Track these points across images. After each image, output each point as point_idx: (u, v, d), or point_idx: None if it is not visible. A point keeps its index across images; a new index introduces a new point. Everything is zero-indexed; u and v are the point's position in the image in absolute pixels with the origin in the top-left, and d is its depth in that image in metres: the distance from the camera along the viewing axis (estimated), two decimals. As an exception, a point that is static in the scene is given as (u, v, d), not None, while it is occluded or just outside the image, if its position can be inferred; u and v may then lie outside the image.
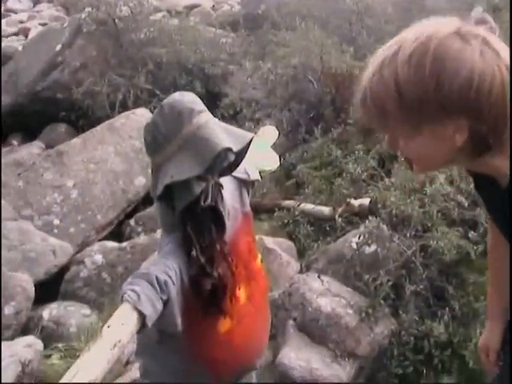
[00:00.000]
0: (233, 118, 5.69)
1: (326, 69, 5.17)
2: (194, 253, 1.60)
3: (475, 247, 3.07)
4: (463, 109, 1.15)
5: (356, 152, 4.13)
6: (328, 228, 3.83)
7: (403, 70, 1.17)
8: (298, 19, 6.19)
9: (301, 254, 3.87)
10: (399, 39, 1.20)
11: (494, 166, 1.27)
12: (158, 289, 1.52)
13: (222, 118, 5.63)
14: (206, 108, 1.58)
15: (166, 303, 1.54)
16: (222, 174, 1.67)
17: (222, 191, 1.68)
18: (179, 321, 1.61)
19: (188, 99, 1.57)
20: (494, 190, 1.35)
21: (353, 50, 5.44)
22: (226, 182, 1.76)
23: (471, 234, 3.28)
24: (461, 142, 1.19)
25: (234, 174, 1.77)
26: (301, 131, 4.97)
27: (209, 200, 1.60)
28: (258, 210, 4.18)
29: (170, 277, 1.55)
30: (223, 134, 1.53)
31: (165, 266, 1.57)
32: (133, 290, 1.47)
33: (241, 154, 1.63)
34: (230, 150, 1.51)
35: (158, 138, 1.56)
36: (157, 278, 1.52)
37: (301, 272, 3.57)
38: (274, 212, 4.30)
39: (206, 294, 1.65)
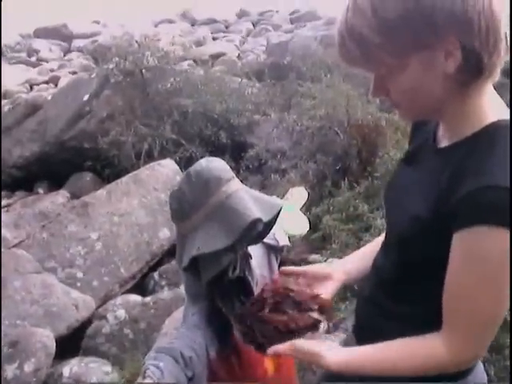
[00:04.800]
0: (258, 169, 5.66)
1: (352, 120, 5.14)
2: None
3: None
4: (451, 23, 1.06)
5: (384, 206, 4.05)
6: (356, 286, 3.72)
7: None
8: (323, 70, 6.21)
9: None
10: None
11: (470, 108, 1.19)
12: (183, 365, 1.44)
13: (247, 170, 5.61)
14: (234, 175, 1.53)
15: (190, 379, 1.46)
16: (250, 243, 1.61)
17: (251, 261, 1.62)
18: (204, 397, 1.53)
19: (215, 166, 1.51)
20: (432, 155, 1.29)
21: (378, 101, 5.41)
22: (254, 248, 1.70)
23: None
24: (454, 67, 1.10)
25: (262, 240, 1.71)
26: (327, 184, 4.91)
27: (237, 271, 1.53)
28: (284, 265, 4.09)
29: (195, 351, 1.49)
30: (252, 204, 1.47)
31: (190, 340, 1.51)
32: (156, 366, 1.40)
33: (270, 223, 1.57)
34: (259, 220, 1.45)
35: (184, 207, 1.50)
36: (181, 353, 1.45)
37: (328, 331, 3.46)
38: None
39: (233, 368, 1.58)
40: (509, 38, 1.14)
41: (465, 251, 1.14)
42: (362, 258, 1.63)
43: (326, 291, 1.52)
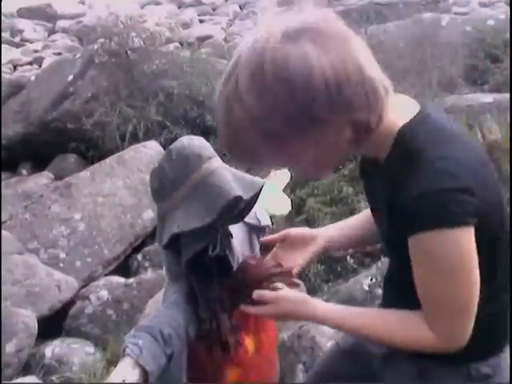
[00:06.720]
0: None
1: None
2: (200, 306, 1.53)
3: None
4: (333, 106, 1.08)
5: (368, 190, 4.05)
6: (339, 268, 3.74)
7: (251, 101, 1.09)
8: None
9: (311, 293, 3.77)
10: (230, 70, 1.14)
11: (381, 136, 1.19)
12: (162, 342, 1.44)
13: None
14: (215, 153, 1.52)
15: (170, 357, 1.46)
16: (231, 222, 1.60)
17: (232, 240, 1.61)
18: (184, 375, 1.54)
19: (196, 144, 1.51)
20: (375, 171, 1.30)
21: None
22: (236, 227, 1.70)
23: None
24: (347, 138, 1.13)
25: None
26: (311, 166, 4.90)
27: (217, 250, 1.53)
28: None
29: (174, 329, 1.48)
30: (233, 182, 1.46)
31: (169, 318, 1.50)
32: (135, 344, 1.39)
33: (251, 202, 1.57)
34: (240, 198, 1.44)
35: (164, 184, 1.49)
36: (161, 331, 1.45)
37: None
38: (283, 249, 4.20)
39: (212, 347, 1.58)
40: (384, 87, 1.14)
41: (417, 255, 1.20)
42: (350, 225, 1.68)
43: (303, 256, 1.55)
